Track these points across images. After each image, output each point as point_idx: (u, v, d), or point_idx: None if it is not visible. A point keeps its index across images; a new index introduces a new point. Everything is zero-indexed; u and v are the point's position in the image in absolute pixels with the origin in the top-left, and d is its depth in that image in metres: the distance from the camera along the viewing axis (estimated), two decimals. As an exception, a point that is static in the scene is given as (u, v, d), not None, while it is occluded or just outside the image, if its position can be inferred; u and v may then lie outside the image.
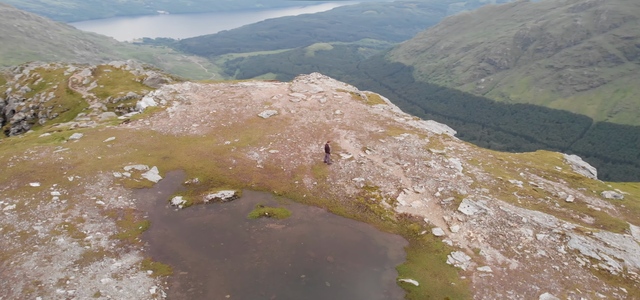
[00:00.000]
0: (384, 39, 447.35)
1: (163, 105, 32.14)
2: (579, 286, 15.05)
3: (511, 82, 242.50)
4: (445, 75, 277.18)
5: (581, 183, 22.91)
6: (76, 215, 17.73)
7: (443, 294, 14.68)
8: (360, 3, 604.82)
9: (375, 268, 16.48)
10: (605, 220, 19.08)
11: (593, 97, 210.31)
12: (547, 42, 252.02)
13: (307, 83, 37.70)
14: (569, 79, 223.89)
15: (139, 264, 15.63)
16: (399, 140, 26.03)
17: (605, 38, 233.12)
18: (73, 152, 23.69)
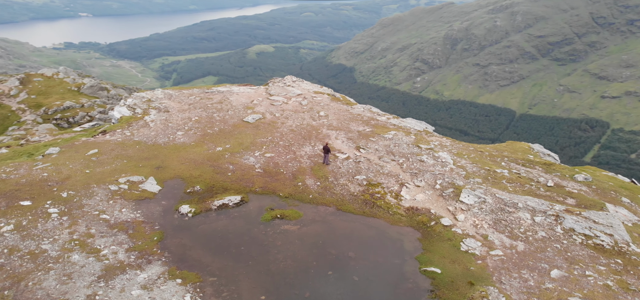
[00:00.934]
0: (324, 41, 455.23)
1: (139, 114, 30.90)
2: (581, 261, 16.73)
3: (444, 80, 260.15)
4: (385, 75, 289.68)
5: (554, 169, 25.37)
6: (83, 231, 17.12)
7: (465, 279, 15.78)
8: (297, 5, 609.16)
9: (396, 260, 17.33)
10: (584, 201, 21.32)
11: (515, 92, 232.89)
12: (473, 41, 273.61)
13: (284, 86, 38.18)
14: (494, 75, 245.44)
15: (165, 273, 15.45)
16: (388, 138, 27.53)
17: (521, 37, 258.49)
18: (56, 168, 22.51)
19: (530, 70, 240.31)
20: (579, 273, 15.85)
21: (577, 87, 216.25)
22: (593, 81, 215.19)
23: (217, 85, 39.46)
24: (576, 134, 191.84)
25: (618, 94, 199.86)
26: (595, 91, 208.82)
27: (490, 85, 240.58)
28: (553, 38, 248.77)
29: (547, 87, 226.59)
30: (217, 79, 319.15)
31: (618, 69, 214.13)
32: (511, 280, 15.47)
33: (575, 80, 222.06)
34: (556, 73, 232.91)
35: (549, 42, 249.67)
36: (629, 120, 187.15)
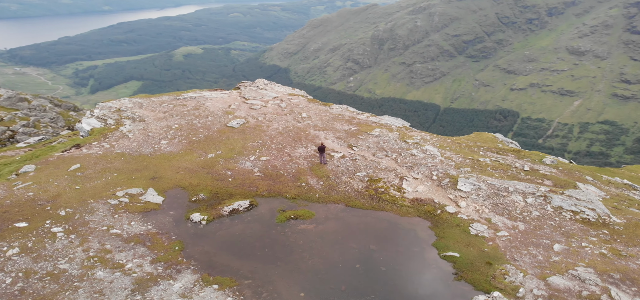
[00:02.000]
0: (255, 42, 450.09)
1: (112, 126, 29.15)
2: (575, 235, 18.59)
3: (375, 79, 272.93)
4: (319, 75, 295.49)
5: (523, 155, 27.94)
6: (97, 247, 16.48)
7: (483, 260, 17.00)
8: (224, 6, 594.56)
9: (415, 248, 18.33)
10: (559, 181, 23.57)
11: (438, 87, 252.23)
12: (398, 41, 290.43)
13: (257, 90, 38.12)
14: (418, 73, 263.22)
15: (199, 281, 15.34)
16: (375, 135, 28.92)
17: (440, 36, 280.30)
18: (41, 186, 21.11)
19: (450, 67, 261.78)
20: (576, 245, 17.89)
21: (490, 81, 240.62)
22: (503, 75, 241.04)
23: (187, 91, 38.21)
24: (493, 124, 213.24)
25: (524, 86, 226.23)
26: (505, 84, 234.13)
27: (416, 83, 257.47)
28: (467, 37, 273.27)
29: (465, 82, 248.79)
30: (141, 84, 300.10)
31: (522, 64, 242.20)
32: (523, 257, 17.18)
33: (488, 75, 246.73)
34: (472, 69, 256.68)
35: (464, 40, 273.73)
36: (534, 109, 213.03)
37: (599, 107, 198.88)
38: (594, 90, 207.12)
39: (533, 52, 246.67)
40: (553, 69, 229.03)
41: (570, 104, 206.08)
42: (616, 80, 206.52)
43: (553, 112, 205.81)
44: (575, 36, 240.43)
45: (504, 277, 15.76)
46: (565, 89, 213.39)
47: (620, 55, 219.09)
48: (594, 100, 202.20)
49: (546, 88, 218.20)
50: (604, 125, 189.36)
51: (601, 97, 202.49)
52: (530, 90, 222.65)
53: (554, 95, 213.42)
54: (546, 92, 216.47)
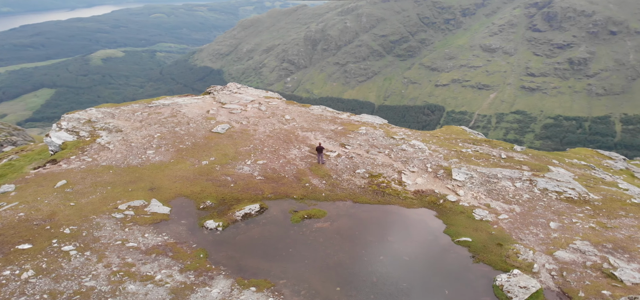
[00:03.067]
0: (182, 43, 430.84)
1: (86, 138, 27.32)
2: (564, 212, 20.49)
3: (312, 79, 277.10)
4: (255, 76, 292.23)
5: (495, 144, 30.08)
6: (118, 262, 15.97)
7: (493, 242, 18.30)
8: (144, 6, 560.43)
9: (429, 237, 19.42)
10: (534, 166, 25.68)
11: (371, 86, 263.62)
12: (330, 42, 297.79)
13: (231, 94, 37.50)
14: (352, 72, 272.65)
15: (235, 285, 15.33)
16: (362, 133, 30.06)
17: (369, 37, 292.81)
18: (30, 205, 19.87)
19: (380, 66, 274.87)
20: (568, 222, 19.79)
21: (417, 79, 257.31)
22: (428, 73, 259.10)
23: (157, 98, 36.52)
24: (422, 118, 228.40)
25: (447, 82, 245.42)
26: (430, 81, 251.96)
27: (350, 82, 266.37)
28: (393, 37, 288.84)
29: (395, 80, 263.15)
30: (54, 91, 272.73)
31: (444, 61, 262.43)
32: (527, 236, 18.77)
33: (414, 73, 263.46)
34: (400, 68, 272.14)
35: (391, 40, 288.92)
36: (457, 103, 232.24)
37: (511, 99, 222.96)
38: (505, 83, 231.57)
39: (452, 50, 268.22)
40: (470, 65, 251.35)
41: (487, 96, 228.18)
42: (523, 73, 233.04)
43: (473, 104, 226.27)
44: (487, 35, 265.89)
45: (517, 256, 17.27)
46: (482, 83, 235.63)
47: (525, 51, 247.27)
48: (507, 93, 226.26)
49: (466, 83, 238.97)
50: (516, 115, 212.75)
51: (512, 90, 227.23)
52: (452, 85, 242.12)
53: (473, 90, 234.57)
54: (466, 87, 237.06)
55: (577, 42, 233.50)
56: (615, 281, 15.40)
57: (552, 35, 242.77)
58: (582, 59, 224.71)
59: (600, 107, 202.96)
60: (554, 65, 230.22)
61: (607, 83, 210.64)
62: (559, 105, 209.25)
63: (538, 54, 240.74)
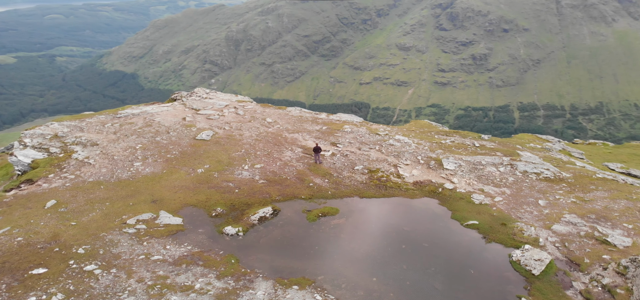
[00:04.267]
0: (86, 46, 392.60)
1: (59, 154, 25.29)
2: (547, 191, 22.69)
3: (238, 80, 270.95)
4: (175, 79, 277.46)
5: (466, 134, 32.37)
6: (150, 275, 15.53)
7: (497, 222, 19.96)
8: (36, 6, 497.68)
9: (440, 223, 20.67)
10: (505, 152, 28.15)
11: (300, 86, 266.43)
12: (253, 42, 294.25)
13: (202, 99, 36.12)
14: (279, 72, 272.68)
15: (277, 285, 15.55)
16: (348, 132, 30.86)
17: (292, 37, 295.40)
18: (26, 228, 18.58)
19: (307, 66, 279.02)
20: (553, 199, 22.00)
21: (342, 78, 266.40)
22: (352, 72, 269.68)
23: (123, 108, 34.27)
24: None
25: (369, 80, 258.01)
26: (355, 80, 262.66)
27: (279, 82, 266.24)
28: (316, 37, 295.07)
29: (322, 80, 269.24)
30: None
31: (365, 60, 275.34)
32: (524, 215, 20.68)
33: (340, 72, 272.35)
34: (326, 67, 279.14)
35: (314, 40, 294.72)
36: (380, 100, 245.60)
37: (426, 94, 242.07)
38: (421, 79, 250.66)
39: (371, 49, 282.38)
40: (389, 63, 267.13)
41: (405, 92, 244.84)
42: (435, 70, 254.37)
43: (395, 100, 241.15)
44: (401, 34, 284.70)
45: (522, 233, 19.06)
46: (400, 80, 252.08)
47: (435, 49, 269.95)
48: (422, 88, 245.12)
49: (386, 81, 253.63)
50: (432, 108, 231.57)
51: (427, 85, 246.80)
52: (375, 83, 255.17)
53: (393, 86, 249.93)
54: (387, 84, 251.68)
55: (477, 40, 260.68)
56: (610, 246, 17.75)
57: (456, 33, 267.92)
58: (482, 54, 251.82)
59: (500, 97, 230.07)
60: (460, 61, 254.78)
61: (504, 75, 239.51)
62: (467, 97, 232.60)
63: (446, 51, 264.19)
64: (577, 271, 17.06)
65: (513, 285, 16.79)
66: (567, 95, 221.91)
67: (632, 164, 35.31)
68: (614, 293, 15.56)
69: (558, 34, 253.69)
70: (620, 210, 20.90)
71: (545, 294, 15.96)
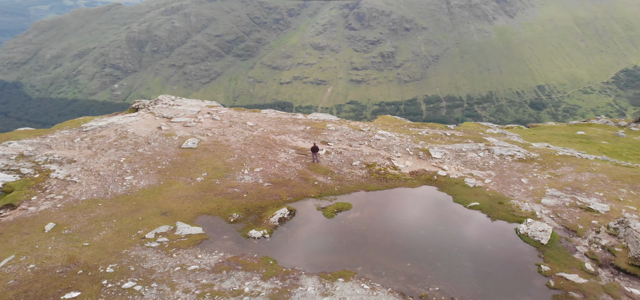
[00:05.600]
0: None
1: (35, 175, 24.22)
2: (525, 170, 25.16)
3: (146, 83, 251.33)
4: (70, 86, 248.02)
5: (433, 125, 34.79)
6: (194, 285, 15.32)
7: (495, 202, 21.83)
8: None
9: (446, 207, 22.15)
10: (474, 138, 30.71)
11: (217, 87, 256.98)
12: (159, 43, 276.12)
13: (169, 107, 33.99)
14: (193, 74, 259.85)
15: (323, 280, 15.88)
16: (333, 130, 31.31)
17: (203, 37, 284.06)
18: (35, 255, 17.47)
19: (222, 66, 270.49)
20: (532, 177, 24.48)
21: (262, 78, 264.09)
22: (271, 71, 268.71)
23: (84, 121, 31.43)
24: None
25: (290, 80, 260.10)
26: (274, 79, 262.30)
27: (194, 84, 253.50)
28: (228, 37, 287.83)
29: (240, 80, 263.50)
30: None
31: (283, 60, 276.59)
32: (514, 193, 22.84)
33: (258, 72, 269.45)
34: (243, 67, 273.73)
35: (227, 40, 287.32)
36: (302, 98, 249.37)
37: (344, 91, 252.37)
38: (338, 78, 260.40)
39: (288, 49, 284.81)
40: (306, 63, 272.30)
41: (325, 91, 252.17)
42: (349, 68, 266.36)
43: (316, 99, 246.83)
44: (314, 34, 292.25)
45: (519, 209, 21.08)
46: (319, 79, 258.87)
47: (347, 48, 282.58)
48: (340, 86, 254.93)
49: (306, 80, 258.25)
50: (351, 105, 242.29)
51: (344, 83, 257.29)
52: (295, 82, 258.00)
53: (313, 85, 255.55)
54: (307, 83, 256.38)
55: (384, 38, 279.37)
56: (594, 213, 20.37)
57: (365, 33, 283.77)
58: (389, 52, 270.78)
59: (408, 92, 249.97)
60: (371, 60, 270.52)
61: (410, 72, 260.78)
62: (380, 93, 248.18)
63: (357, 50, 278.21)
64: (575, 237, 19.39)
65: (528, 255, 18.69)
66: (463, 87, 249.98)
67: (552, 142, 41.72)
68: (613, 251, 17.99)
69: (451, 31, 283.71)
70: (588, 181, 24.58)
71: (558, 260, 18.03)
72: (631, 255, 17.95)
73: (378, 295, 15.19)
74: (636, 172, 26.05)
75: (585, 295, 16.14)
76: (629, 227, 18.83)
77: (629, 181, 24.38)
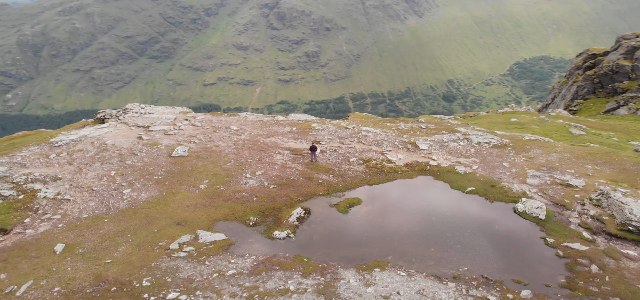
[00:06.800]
0: None
1: (19, 196, 22.09)
2: (503, 155, 27.39)
3: (46, 91, 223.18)
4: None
5: (407, 120, 37.58)
6: (239, 290, 15.29)
7: (487, 185, 23.57)
8: None
9: (446, 194, 23.62)
10: (447, 129, 32.75)
11: (132, 92, 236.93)
12: (59, 46, 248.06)
13: (141, 115, 32.10)
14: (102, 79, 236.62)
15: (361, 271, 16.37)
16: (319, 129, 31.60)
17: (111, 39, 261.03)
18: (56, 278, 16.64)
19: (136, 69, 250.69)
20: (511, 161, 26.65)
21: (183, 80, 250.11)
22: (192, 73, 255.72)
23: (50, 135, 29.37)
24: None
25: (214, 81, 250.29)
26: (197, 81, 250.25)
27: (105, 90, 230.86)
28: (140, 38, 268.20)
29: (158, 83, 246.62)
30: None
31: (204, 61, 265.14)
32: (501, 176, 24.81)
33: (178, 74, 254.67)
34: (160, 70, 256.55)
35: (139, 41, 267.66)
36: (230, 100, 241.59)
37: (273, 91, 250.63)
38: (265, 78, 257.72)
39: (208, 49, 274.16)
40: (230, 63, 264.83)
41: (253, 91, 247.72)
42: (276, 68, 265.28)
43: (245, 100, 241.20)
44: (236, 33, 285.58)
45: (511, 190, 23.04)
46: (246, 79, 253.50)
47: (271, 48, 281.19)
48: (269, 86, 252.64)
49: (232, 80, 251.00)
50: (282, 105, 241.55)
51: (272, 83, 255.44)
52: (220, 84, 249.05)
53: (240, 86, 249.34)
54: (233, 84, 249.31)
55: (307, 38, 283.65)
56: (574, 188, 22.82)
57: (287, 32, 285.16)
58: (313, 52, 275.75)
59: (336, 90, 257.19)
60: (296, 59, 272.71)
61: (335, 71, 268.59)
62: (309, 92, 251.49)
63: (282, 49, 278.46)
64: (565, 210, 21.54)
65: (532, 231, 20.56)
66: (384, 84, 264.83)
67: (495, 129, 46.74)
68: (602, 220, 20.22)
69: (368, 31, 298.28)
70: (558, 161, 27.79)
71: (558, 232, 20.19)
72: (618, 221, 20.50)
73: (416, 280, 16.01)
74: (592, 150, 30.26)
75: (591, 260, 18.30)
76: (610, 197, 21.69)
77: (590, 158, 28.26)
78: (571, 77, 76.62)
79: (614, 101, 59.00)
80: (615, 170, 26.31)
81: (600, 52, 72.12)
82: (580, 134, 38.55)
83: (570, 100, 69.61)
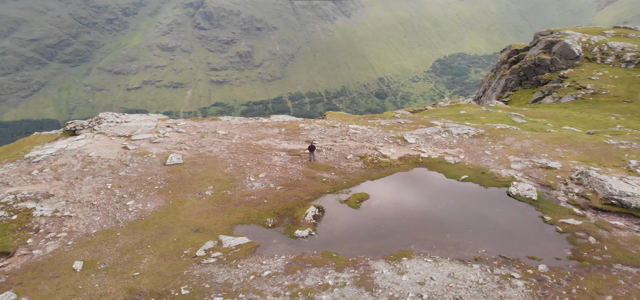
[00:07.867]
0: None
1: (12, 216, 20.76)
2: (482, 144, 29.46)
3: None
4: None
5: (385, 116, 38.69)
6: (281, 290, 15.54)
7: (478, 173, 25.27)
8: None
9: (444, 183, 25.03)
10: (425, 123, 34.75)
11: (44, 101, 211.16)
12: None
13: (118, 124, 30.54)
14: (5, 87, 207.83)
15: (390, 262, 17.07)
16: (309, 129, 31.78)
17: (12, 42, 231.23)
18: (87, 294, 16.04)
19: (46, 75, 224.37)
20: (492, 149, 28.72)
21: (103, 85, 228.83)
22: (112, 77, 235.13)
23: (23, 151, 28.78)
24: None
25: (139, 85, 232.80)
26: (119, 85, 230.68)
27: (9, 99, 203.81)
28: (49, 40, 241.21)
29: (74, 89, 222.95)
30: None
31: (126, 63, 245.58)
32: (488, 164, 26.75)
33: (96, 79, 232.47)
34: (75, 75, 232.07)
35: (47, 45, 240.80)
36: (158, 104, 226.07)
37: (206, 93, 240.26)
38: (196, 80, 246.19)
39: (130, 51, 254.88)
40: (155, 65, 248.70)
41: (184, 94, 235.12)
42: (207, 69, 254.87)
43: (175, 103, 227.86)
44: (160, 34, 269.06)
45: (500, 175, 24.91)
46: (175, 81, 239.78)
47: (200, 48, 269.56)
48: (201, 88, 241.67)
49: (159, 83, 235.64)
50: (217, 107, 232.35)
51: (204, 85, 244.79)
52: (146, 87, 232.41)
53: (169, 89, 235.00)
54: (160, 87, 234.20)
55: (237, 38, 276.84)
56: (554, 169, 25.10)
57: (216, 32, 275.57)
58: (246, 52, 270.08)
59: (273, 90, 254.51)
60: (229, 60, 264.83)
61: (270, 71, 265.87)
62: (245, 93, 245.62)
63: (212, 50, 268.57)
64: (552, 190, 23.59)
65: (529, 211, 22.38)
66: (321, 83, 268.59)
67: (449, 119, 50.03)
68: (587, 196, 22.43)
69: (300, 31, 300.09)
70: (531, 146, 30.44)
71: (552, 210, 22.05)
72: (601, 196, 22.73)
73: (443, 265, 16.95)
74: (557, 135, 33.63)
75: (587, 232, 20.37)
76: (589, 175, 24.22)
77: (557, 142, 31.42)
78: (498, 71, 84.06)
79: (540, 92, 65.88)
80: (581, 151, 29.49)
81: (521, 47, 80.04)
82: (522, 122, 42.28)
83: (501, 92, 76.30)
